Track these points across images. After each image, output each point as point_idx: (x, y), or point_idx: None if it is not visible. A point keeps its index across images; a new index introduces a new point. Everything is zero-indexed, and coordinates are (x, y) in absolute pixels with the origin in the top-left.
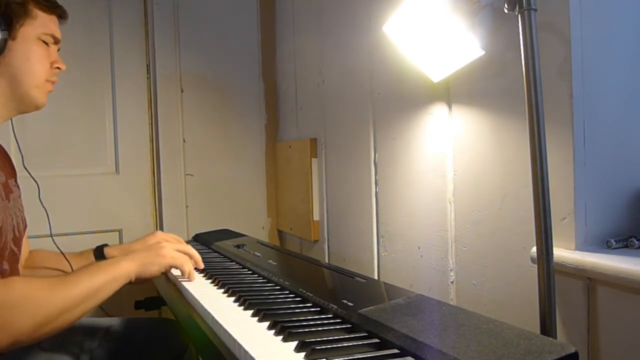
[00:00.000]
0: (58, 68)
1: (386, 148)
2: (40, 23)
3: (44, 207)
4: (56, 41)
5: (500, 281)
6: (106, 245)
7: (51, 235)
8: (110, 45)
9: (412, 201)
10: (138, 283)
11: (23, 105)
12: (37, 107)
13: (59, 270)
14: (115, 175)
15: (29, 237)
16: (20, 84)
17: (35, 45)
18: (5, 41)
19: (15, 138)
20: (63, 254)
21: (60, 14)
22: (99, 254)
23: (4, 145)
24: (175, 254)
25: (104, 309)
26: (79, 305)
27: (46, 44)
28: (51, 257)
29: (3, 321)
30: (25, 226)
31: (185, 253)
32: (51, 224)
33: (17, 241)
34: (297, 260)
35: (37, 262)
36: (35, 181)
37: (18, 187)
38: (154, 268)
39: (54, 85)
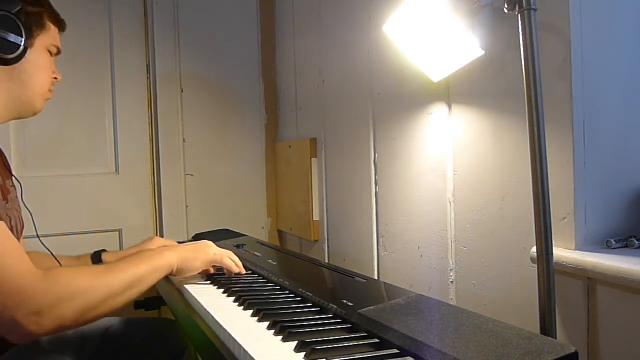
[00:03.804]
0: (55, 78)
1: (386, 148)
2: (50, 34)
3: (27, 208)
4: (58, 52)
5: (500, 281)
6: (104, 250)
7: (38, 237)
8: (110, 45)
9: (412, 201)
10: (178, 276)
11: (24, 110)
12: (35, 114)
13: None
14: (115, 175)
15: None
16: (28, 90)
17: (44, 55)
18: (26, 49)
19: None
20: (54, 255)
21: (63, 27)
22: (97, 260)
23: (2, 146)
24: (218, 251)
25: None
26: (122, 293)
27: (50, 54)
28: (44, 259)
29: (48, 307)
30: (23, 227)
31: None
32: (49, 224)
33: None
34: (297, 260)
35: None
36: (19, 182)
37: (15, 188)
38: (196, 264)
39: (51, 94)
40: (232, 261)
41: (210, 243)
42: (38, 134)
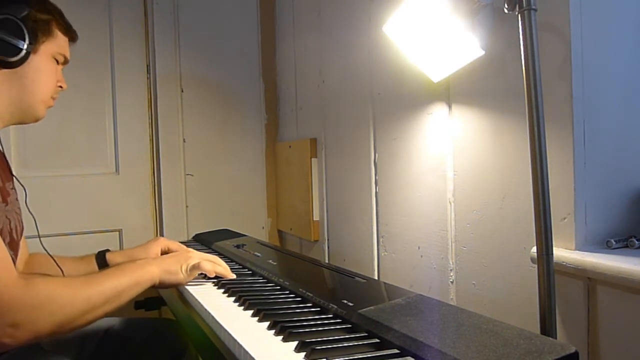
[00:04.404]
0: (60, 87)
1: (386, 148)
2: (58, 43)
3: (30, 212)
4: (65, 61)
5: (500, 281)
6: (108, 250)
7: (39, 237)
8: (110, 45)
9: (412, 201)
10: (161, 288)
11: (25, 115)
12: (36, 120)
13: (50, 276)
14: (115, 175)
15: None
16: (30, 95)
17: (49, 62)
18: (28, 54)
19: (1, 145)
20: (53, 258)
21: (74, 37)
22: (101, 259)
23: (2, 149)
24: (199, 257)
25: None
26: (100, 306)
27: (57, 62)
28: (46, 261)
29: (24, 320)
30: (22, 229)
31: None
32: (49, 224)
33: (14, 245)
34: (297, 260)
35: (34, 267)
36: (22, 186)
37: (15, 190)
38: (179, 276)
39: (54, 101)
40: (212, 265)
41: (192, 250)
42: (38, 134)
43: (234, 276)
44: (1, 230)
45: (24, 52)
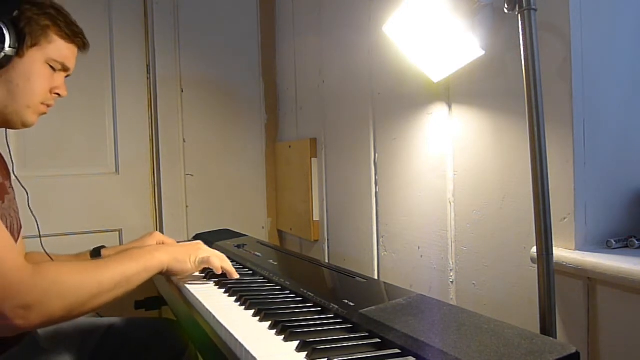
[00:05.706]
0: (58, 94)
1: (386, 148)
2: (55, 48)
3: (33, 214)
4: (65, 69)
5: (500, 281)
6: (103, 247)
7: (39, 237)
8: (110, 45)
9: (412, 201)
10: (167, 275)
11: (11, 120)
12: (24, 126)
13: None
14: (115, 175)
15: (26, 238)
16: (14, 100)
17: (41, 68)
18: (11, 57)
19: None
20: (49, 256)
21: (79, 45)
22: (97, 256)
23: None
24: (208, 252)
25: (102, 311)
26: (109, 291)
27: (53, 69)
28: (43, 259)
29: (35, 302)
30: (20, 227)
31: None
32: (49, 224)
33: None
34: (297, 260)
35: None
36: (24, 189)
37: (13, 189)
38: (186, 266)
39: (49, 108)
40: (220, 261)
41: (202, 244)
42: (38, 134)
43: (238, 276)
44: None
45: (2, 55)
